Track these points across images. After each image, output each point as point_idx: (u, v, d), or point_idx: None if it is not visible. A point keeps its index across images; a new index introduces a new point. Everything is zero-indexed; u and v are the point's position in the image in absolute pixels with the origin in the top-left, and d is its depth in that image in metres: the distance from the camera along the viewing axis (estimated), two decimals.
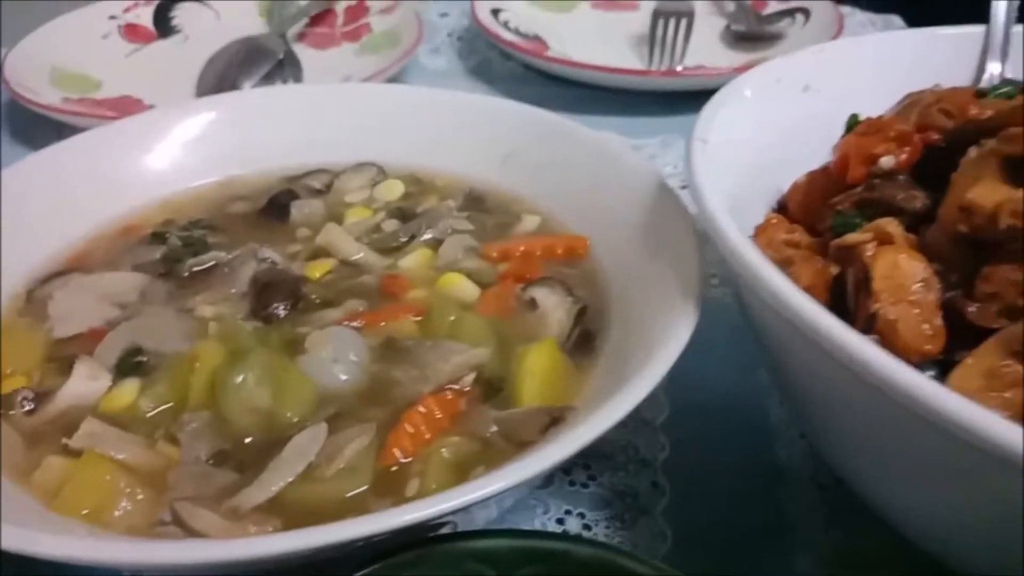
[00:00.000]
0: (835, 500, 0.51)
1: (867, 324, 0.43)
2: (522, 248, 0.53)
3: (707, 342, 0.45)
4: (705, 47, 1.05)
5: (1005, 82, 0.54)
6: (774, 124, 0.57)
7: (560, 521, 0.50)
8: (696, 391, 0.58)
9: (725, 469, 0.54)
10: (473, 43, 1.09)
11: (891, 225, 0.46)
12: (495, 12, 1.07)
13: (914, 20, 1.10)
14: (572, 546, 0.36)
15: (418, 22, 0.99)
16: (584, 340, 0.47)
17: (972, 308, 0.42)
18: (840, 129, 0.56)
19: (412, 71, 1.04)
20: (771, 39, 1.05)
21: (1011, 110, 0.46)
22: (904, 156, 0.50)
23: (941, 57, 0.62)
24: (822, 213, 0.52)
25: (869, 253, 0.44)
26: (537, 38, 1.06)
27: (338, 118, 0.64)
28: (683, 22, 1.02)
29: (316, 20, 1.08)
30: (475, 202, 0.58)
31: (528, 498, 0.51)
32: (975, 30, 0.64)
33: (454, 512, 0.33)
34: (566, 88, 0.98)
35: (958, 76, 0.63)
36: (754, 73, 0.59)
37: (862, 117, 0.55)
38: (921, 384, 0.32)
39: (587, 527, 0.50)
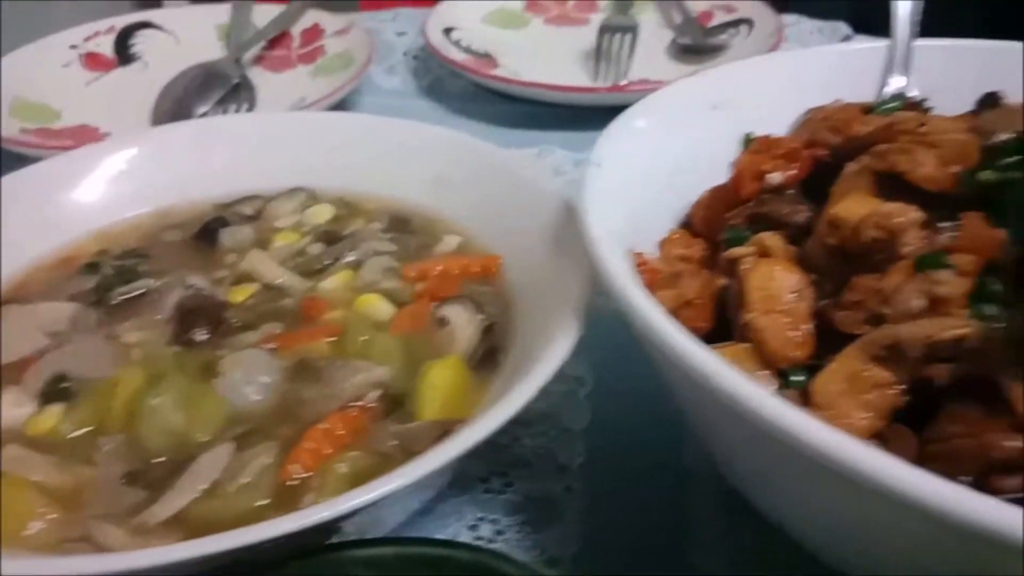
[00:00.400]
0: (740, 503, 0.54)
1: (741, 333, 0.46)
2: (439, 268, 0.56)
3: (635, 351, 0.46)
4: (652, 61, 1.08)
5: (894, 97, 0.57)
6: (684, 142, 0.59)
7: (473, 527, 0.53)
8: (619, 398, 0.61)
9: (638, 474, 0.56)
10: (427, 62, 1.11)
11: (770, 238, 0.49)
12: (447, 31, 1.10)
13: (861, 27, 1.13)
14: (454, 552, 0.38)
15: (370, 43, 1.02)
16: (489, 355, 0.50)
17: (839, 315, 0.45)
18: None
19: (367, 91, 1.07)
20: (715, 51, 1.07)
21: (884, 127, 0.49)
22: (792, 172, 0.53)
23: (848, 72, 0.65)
24: (721, 228, 0.55)
25: (745, 266, 0.47)
26: (488, 56, 1.09)
27: (273, 146, 0.67)
28: (627, 37, 1.05)
29: (273, 43, 1.11)
30: (400, 224, 0.61)
31: (442, 506, 0.53)
32: (879, 45, 0.66)
33: (332, 523, 0.35)
34: (515, 105, 1.01)
35: (866, 91, 0.65)
36: (662, 93, 0.62)
37: (771, 134, 0.58)
38: (749, 393, 0.34)
39: (499, 532, 0.52)
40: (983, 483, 0.39)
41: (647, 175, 0.57)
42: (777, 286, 0.46)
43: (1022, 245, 0.43)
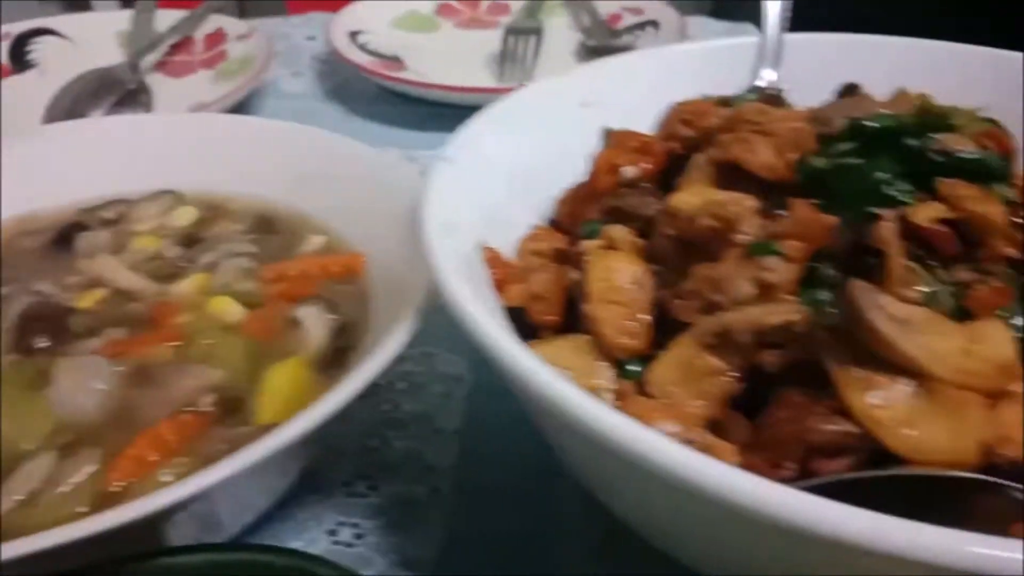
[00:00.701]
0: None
1: (583, 325, 0.46)
2: (297, 269, 0.55)
3: None
4: (560, 63, 1.08)
5: (751, 90, 0.57)
6: (552, 139, 0.59)
7: (332, 532, 0.51)
8: (497, 398, 0.60)
9: (507, 474, 0.55)
10: (334, 65, 1.10)
11: (617, 231, 0.48)
12: (354, 34, 1.09)
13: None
14: (270, 557, 0.37)
15: (269, 47, 1.00)
16: (339, 356, 0.49)
17: (676, 304, 0.44)
18: None
19: (272, 95, 1.06)
20: (621, 52, 1.07)
21: (728, 118, 0.49)
22: (646, 166, 0.53)
23: (720, 67, 0.65)
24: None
25: (588, 258, 0.47)
26: (396, 59, 1.08)
27: (141, 149, 0.65)
28: (532, 39, 1.05)
29: (176, 49, 1.09)
30: (265, 225, 0.60)
31: (301, 512, 0.52)
32: (750, 40, 0.67)
33: (132, 530, 0.34)
34: (421, 107, 1.00)
35: (740, 85, 0.66)
36: (528, 91, 0.61)
37: (628, 129, 0.58)
38: (546, 380, 0.34)
39: (359, 536, 0.51)
40: (807, 468, 0.39)
41: (511, 172, 0.57)
42: (617, 277, 0.46)
43: (854, 231, 0.43)
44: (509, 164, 0.56)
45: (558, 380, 0.34)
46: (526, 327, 0.49)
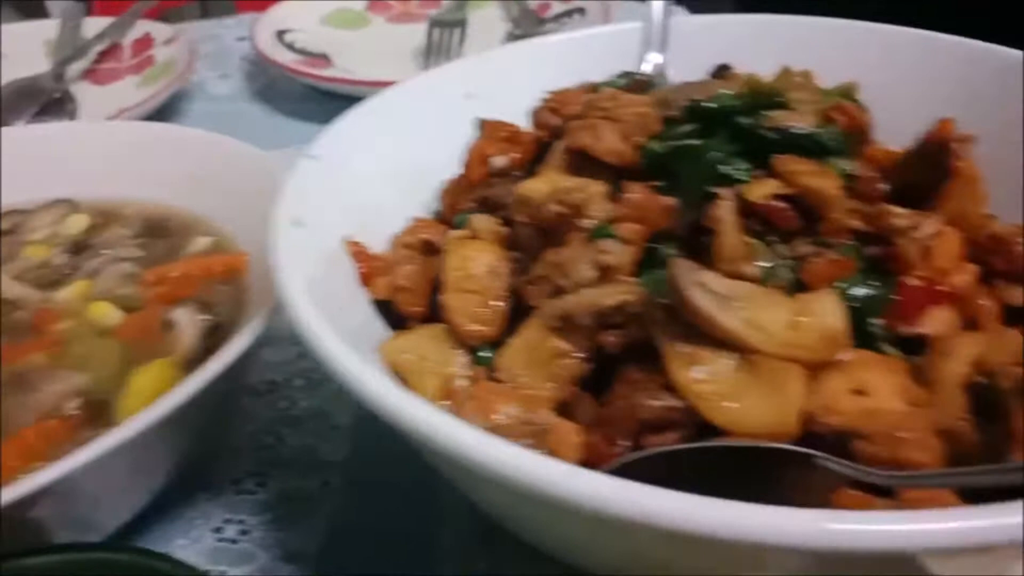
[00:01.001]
0: None
1: (440, 314, 0.46)
2: (179, 271, 0.55)
3: None
4: None
5: (623, 75, 0.58)
6: (436, 130, 0.60)
7: (218, 529, 0.52)
8: None
9: (396, 468, 0.56)
10: (263, 65, 1.10)
11: (479, 220, 0.49)
12: (281, 33, 1.09)
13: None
14: (112, 555, 0.38)
15: (191, 51, 1.00)
16: (208, 356, 0.49)
17: (528, 290, 0.45)
18: None
19: (198, 97, 1.06)
20: None
21: (584, 105, 0.50)
22: (515, 155, 0.53)
23: (604, 54, 0.66)
24: None
25: (446, 248, 0.48)
26: (324, 56, 1.08)
27: (40, 159, 0.66)
28: (456, 31, 1.05)
29: (104, 56, 1.09)
30: (155, 228, 0.60)
31: (190, 510, 0.53)
32: (635, 26, 0.67)
33: None
34: (347, 104, 1.00)
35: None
36: (413, 83, 0.62)
37: (500, 119, 0.58)
38: (354, 372, 0.34)
39: (245, 532, 0.52)
40: (638, 444, 0.40)
41: (393, 164, 0.57)
42: (472, 266, 0.47)
43: (693, 211, 0.44)
44: (391, 157, 0.57)
45: (372, 379, 0.35)
46: (398, 318, 0.50)
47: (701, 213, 0.43)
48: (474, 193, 0.54)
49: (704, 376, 0.38)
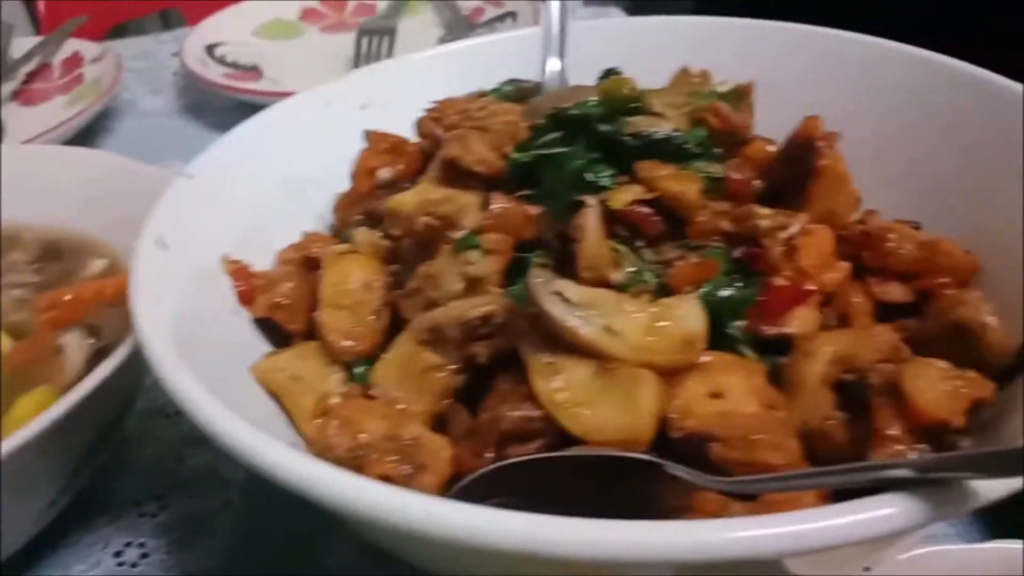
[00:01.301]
0: None
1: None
2: (70, 295, 0.55)
3: None
4: None
5: (509, 82, 0.58)
6: (331, 142, 0.60)
7: (118, 554, 0.52)
8: None
9: None
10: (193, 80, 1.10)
11: (361, 234, 0.49)
12: (211, 48, 1.09)
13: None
14: None
15: (117, 68, 1.00)
16: None
17: (403, 304, 0.45)
18: None
19: (128, 115, 1.05)
20: None
21: (462, 114, 0.50)
22: (400, 167, 0.53)
23: (504, 61, 0.66)
24: None
25: (324, 264, 0.47)
26: (255, 68, 1.08)
27: None
28: (385, 39, 1.05)
29: (34, 76, 1.08)
30: (51, 252, 0.60)
31: (89, 535, 0.53)
32: (536, 31, 0.67)
33: None
34: None
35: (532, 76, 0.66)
36: (308, 95, 0.62)
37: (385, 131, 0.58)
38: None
39: (145, 556, 0.52)
40: (502, 455, 0.40)
41: (285, 178, 0.57)
42: (348, 281, 0.46)
43: (558, 219, 0.44)
44: (284, 170, 0.57)
45: (217, 415, 0.34)
46: (286, 335, 0.50)
47: (566, 221, 0.43)
48: (361, 206, 0.53)
49: (561, 384, 0.38)
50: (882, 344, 0.42)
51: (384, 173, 0.52)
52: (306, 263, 0.50)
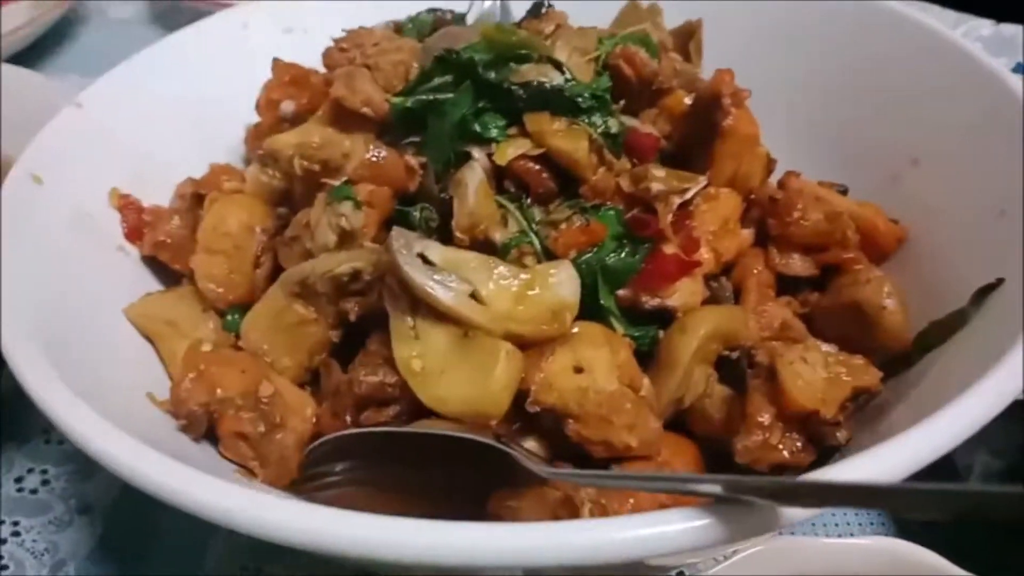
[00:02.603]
0: None
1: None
2: None
3: None
4: None
5: (430, 10, 0.54)
6: (249, 69, 0.56)
7: (19, 479, 0.52)
8: None
9: None
10: None
11: (251, 172, 0.47)
12: None
13: None
14: None
15: None
16: None
17: (281, 252, 0.43)
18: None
19: (93, 22, 1.02)
20: None
21: (358, 48, 0.47)
22: (304, 101, 0.50)
23: None
24: None
25: (207, 204, 0.45)
26: None
27: None
28: None
29: None
30: None
31: None
32: None
33: None
34: None
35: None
36: (223, 15, 0.58)
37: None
38: None
39: (46, 483, 0.52)
40: (358, 419, 0.39)
41: (196, 108, 0.54)
42: (227, 224, 0.44)
43: (443, 172, 0.41)
44: (193, 99, 0.54)
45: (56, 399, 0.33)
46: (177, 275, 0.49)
47: (450, 174, 0.41)
48: (263, 141, 0.51)
49: (419, 351, 0.36)
50: (772, 320, 0.40)
51: (287, 107, 0.49)
52: (198, 200, 0.48)
